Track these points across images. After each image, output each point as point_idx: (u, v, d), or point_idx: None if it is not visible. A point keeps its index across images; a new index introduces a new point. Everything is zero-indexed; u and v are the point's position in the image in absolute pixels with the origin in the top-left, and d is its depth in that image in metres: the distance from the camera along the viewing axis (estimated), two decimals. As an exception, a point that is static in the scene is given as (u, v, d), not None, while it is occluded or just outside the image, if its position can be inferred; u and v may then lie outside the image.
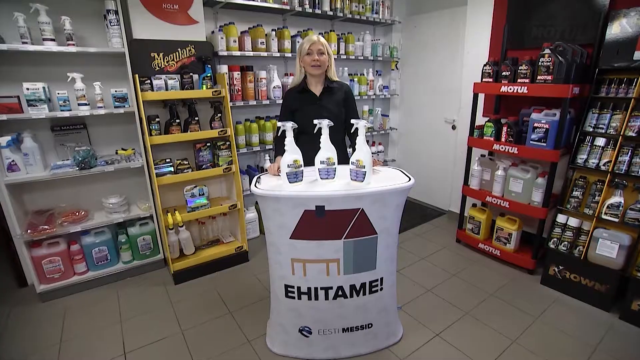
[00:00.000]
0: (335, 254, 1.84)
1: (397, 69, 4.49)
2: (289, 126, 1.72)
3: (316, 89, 2.19)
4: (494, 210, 3.38)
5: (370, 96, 4.17)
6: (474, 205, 3.47)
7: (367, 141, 1.91)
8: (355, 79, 4.01)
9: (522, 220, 3.14)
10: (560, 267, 2.74)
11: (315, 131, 1.78)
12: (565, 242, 2.72)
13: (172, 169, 2.79)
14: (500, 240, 3.17)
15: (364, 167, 1.72)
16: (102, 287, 2.85)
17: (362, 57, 4.00)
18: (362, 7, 3.87)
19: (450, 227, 3.86)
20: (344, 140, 2.31)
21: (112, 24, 2.52)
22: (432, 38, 4.08)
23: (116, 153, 2.88)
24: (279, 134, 1.79)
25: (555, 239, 2.78)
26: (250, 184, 2.50)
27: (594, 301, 2.59)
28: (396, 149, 4.80)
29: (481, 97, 3.42)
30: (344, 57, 3.85)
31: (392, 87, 4.46)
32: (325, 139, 1.74)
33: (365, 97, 4.11)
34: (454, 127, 4.02)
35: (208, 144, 2.93)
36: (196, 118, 2.85)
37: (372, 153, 4.30)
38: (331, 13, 3.62)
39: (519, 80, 2.80)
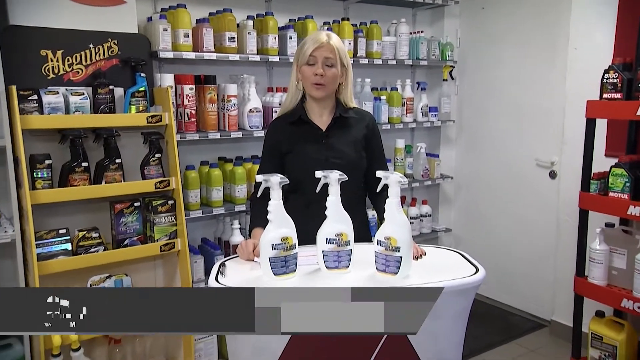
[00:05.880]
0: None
1: (452, 78, 4.42)
2: (275, 181, 1.71)
3: (321, 119, 2.20)
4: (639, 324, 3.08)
5: (408, 124, 4.10)
6: (600, 313, 3.16)
7: (403, 200, 1.58)
8: (383, 97, 3.93)
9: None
10: None
11: (318, 189, 1.76)
12: None
13: (68, 246, 2.68)
14: (659, 382, 2.84)
15: (398, 248, 1.70)
16: None
17: (393, 61, 3.94)
18: (395, -20, 3.92)
19: (557, 352, 3.64)
20: (364, 203, 2.30)
21: (-30, 2, 2.46)
22: (513, 26, 4.06)
23: (-38, 217, 2.71)
24: (259, 194, 1.80)
25: None
26: (207, 272, 2.41)
27: None
28: (452, 211, 4.74)
29: (601, 123, 3.25)
30: (365, 61, 3.77)
31: (443, 108, 4.34)
32: (334, 202, 1.74)
33: (400, 125, 4.03)
34: (553, 175, 3.91)
35: (136, 204, 2.89)
36: (117, 160, 2.80)
37: (411, 219, 4.40)
38: (344, -9, 3.65)
39: (671, 96, 2.67)
